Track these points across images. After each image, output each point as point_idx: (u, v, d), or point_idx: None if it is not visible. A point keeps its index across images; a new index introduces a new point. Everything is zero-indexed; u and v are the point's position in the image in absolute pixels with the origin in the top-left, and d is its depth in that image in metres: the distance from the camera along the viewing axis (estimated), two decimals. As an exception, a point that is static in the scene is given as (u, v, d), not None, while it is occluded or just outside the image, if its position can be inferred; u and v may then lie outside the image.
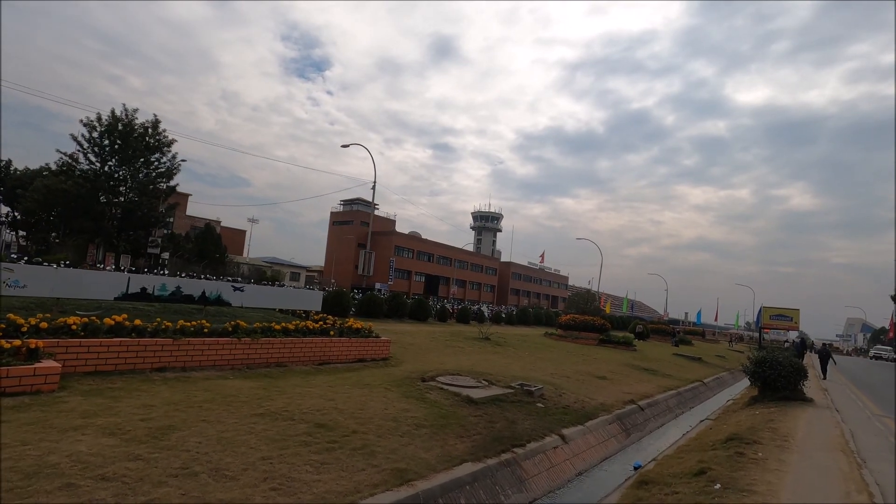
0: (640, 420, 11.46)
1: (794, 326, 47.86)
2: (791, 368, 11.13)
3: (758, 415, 9.65)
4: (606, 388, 13.64)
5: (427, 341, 17.09)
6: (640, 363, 20.93)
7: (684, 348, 34.64)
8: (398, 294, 25.71)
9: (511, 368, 13.97)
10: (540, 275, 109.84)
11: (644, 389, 14.50)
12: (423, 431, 6.92)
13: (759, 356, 11.54)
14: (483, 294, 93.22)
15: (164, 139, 36.51)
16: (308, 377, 9.04)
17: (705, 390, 18.96)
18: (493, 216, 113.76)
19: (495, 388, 10.34)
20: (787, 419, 8.80)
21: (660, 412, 12.91)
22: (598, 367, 17.78)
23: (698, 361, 26.95)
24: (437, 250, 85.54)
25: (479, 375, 11.60)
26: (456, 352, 15.66)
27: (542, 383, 12.15)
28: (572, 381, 13.79)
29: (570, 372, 15.26)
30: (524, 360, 16.16)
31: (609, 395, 12.59)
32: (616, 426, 10.15)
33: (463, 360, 14.03)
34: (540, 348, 20.55)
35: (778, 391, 11.19)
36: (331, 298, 21.03)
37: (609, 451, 9.07)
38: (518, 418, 8.60)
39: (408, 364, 12.05)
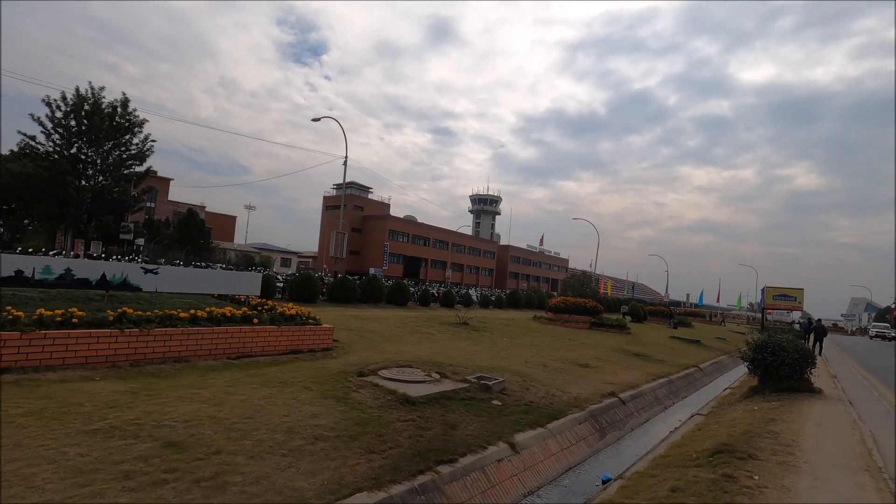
0: (620, 416, 9.89)
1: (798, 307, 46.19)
2: (797, 354, 9.50)
3: (756, 412, 8.05)
4: (586, 377, 12.08)
5: (394, 328, 15.53)
6: (633, 347, 19.38)
7: (683, 331, 33.06)
8: (374, 277, 24.11)
9: (479, 357, 12.41)
10: (539, 258, 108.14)
11: (630, 378, 12.93)
12: (321, 447, 5.35)
13: (759, 340, 9.91)
14: (481, 278, 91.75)
15: (134, 119, 34.70)
16: (207, 375, 7.46)
17: (701, 377, 17.40)
18: (491, 199, 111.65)
19: (446, 383, 8.77)
20: (793, 418, 7.20)
21: (645, 405, 11.34)
22: (584, 353, 16.23)
23: (696, 344, 25.39)
24: (433, 234, 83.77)
25: (435, 366, 10.05)
26: (422, 339, 14.10)
27: (510, 374, 10.61)
28: (548, 370, 12.24)
29: (549, 359, 13.71)
30: (499, 347, 14.59)
31: (587, 386, 11.02)
32: (588, 425, 8.58)
33: (425, 349, 12.47)
34: (523, 333, 18.98)
35: (781, 381, 9.58)
36: (297, 283, 19.45)
37: (576, 459, 7.50)
38: (461, 421, 7.02)
39: (354, 355, 10.48)
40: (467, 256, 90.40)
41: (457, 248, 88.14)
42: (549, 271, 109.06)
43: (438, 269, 77.47)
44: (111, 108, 33.36)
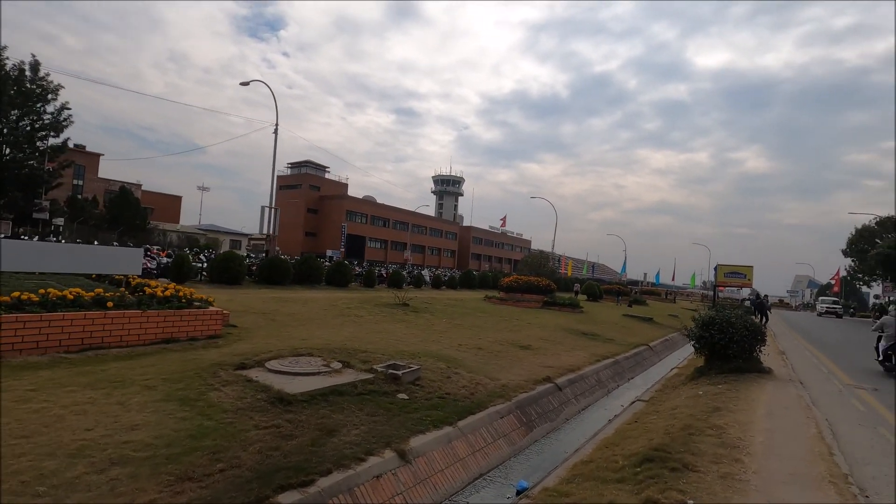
0: (555, 405, 8.74)
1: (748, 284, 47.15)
2: (746, 331, 8.58)
3: (701, 397, 7.02)
4: (524, 361, 10.92)
5: (320, 311, 13.95)
6: (582, 327, 18.51)
7: (637, 309, 32.86)
8: (310, 257, 22.32)
9: (406, 341, 11.04)
10: (501, 239, 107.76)
11: (573, 360, 11.89)
12: (113, 475, 3.83)
13: (706, 316, 8.94)
14: (443, 259, 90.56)
15: (47, 85, 31.12)
16: (15, 375, 5.74)
17: (651, 355, 16.69)
18: (454, 180, 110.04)
19: (347, 374, 7.34)
20: (740, 406, 6.16)
21: (586, 389, 10.28)
22: (529, 333, 15.15)
23: (649, 322, 24.97)
24: (393, 215, 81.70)
25: (344, 354, 8.60)
26: (346, 322, 12.60)
27: (435, 360, 9.30)
28: (483, 354, 11.01)
29: (487, 342, 12.50)
30: (434, 330, 13.27)
31: (522, 371, 9.84)
32: (513, 419, 7.36)
33: (345, 333, 10.99)
34: (467, 314, 17.76)
35: (729, 360, 8.66)
36: (218, 264, 17.48)
37: (490, 463, 6.25)
38: (346, 424, 5.62)
39: (248, 343, 8.89)
40: (429, 238, 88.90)
41: (418, 229, 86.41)
42: (512, 252, 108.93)
43: (399, 251, 75.67)
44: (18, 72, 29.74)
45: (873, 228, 51.81)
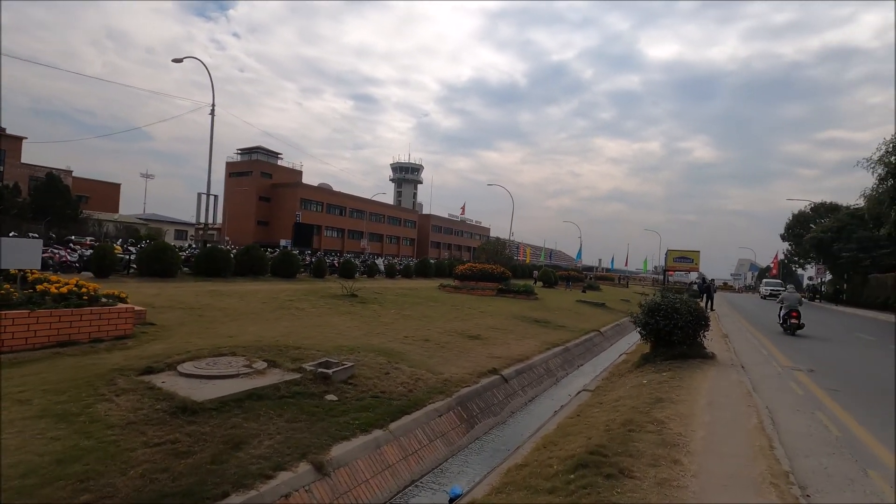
0: (500, 398, 8.39)
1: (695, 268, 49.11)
2: (690, 316, 8.50)
3: (645, 387, 6.81)
4: (471, 352, 10.54)
5: (257, 304, 13.07)
6: (536, 314, 18.40)
7: (591, 294, 33.38)
8: (253, 247, 21.15)
9: (347, 335, 10.41)
10: (461, 226, 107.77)
11: (522, 349, 11.62)
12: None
13: (651, 302, 8.80)
14: (402, 248, 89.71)
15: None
16: None
17: (602, 341, 16.77)
18: (412, 167, 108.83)
19: (271, 375, 6.68)
20: (682, 396, 5.96)
21: (534, 380, 10.01)
22: (480, 322, 14.82)
23: (601, 307, 25.30)
24: (349, 203, 79.95)
25: (274, 352, 7.90)
26: (284, 317, 11.81)
27: (375, 354, 8.75)
28: (429, 345, 10.55)
29: (435, 332, 12.05)
30: (380, 322, 12.69)
31: (468, 363, 9.44)
32: (452, 416, 6.92)
33: (280, 328, 10.25)
34: (418, 303, 17.26)
35: (674, 347, 8.57)
36: (147, 255, 16.15)
37: (424, 467, 5.79)
38: (259, 434, 4.99)
39: (163, 342, 8.03)
40: (387, 226, 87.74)
41: (376, 217, 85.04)
42: (471, 240, 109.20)
43: (356, 240, 74.18)
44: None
45: (808, 214, 54.84)
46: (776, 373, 8.48)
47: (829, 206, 52.01)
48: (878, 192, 22.67)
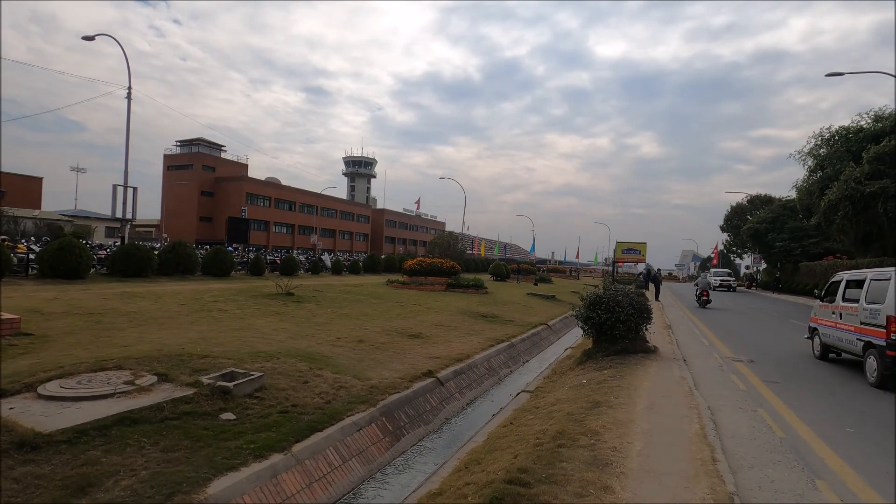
0: (434, 403, 7.71)
1: (642, 259, 50.49)
2: (632, 309, 8.13)
3: (584, 387, 6.31)
4: (409, 352, 9.81)
5: (173, 307, 11.78)
6: (483, 308, 17.89)
7: (542, 287, 33.44)
8: (180, 243, 19.50)
9: (270, 339, 9.44)
10: (416, 221, 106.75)
11: (465, 347, 11.01)
12: None
13: (593, 296, 8.38)
14: (356, 243, 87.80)
15: None
16: None
17: (549, 334, 16.47)
18: (366, 161, 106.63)
19: (157, 393, 5.68)
20: (622, 398, 5.48)
21: (474, 380, 9.41)
22: (424, 319, 14.12)
23: (551, 300, 25.21)
24: (299, 198, 77.22)
25: (171, 363, 6.87)
26: (199, 321, 10.64)
27: (298, 360, 7.87)
28: (363, 347, 9.74)
29: (373, 332, 11.23)
30: (312, 322, 11.73)
31: (402, 366, 8.70)
32: (374, 429, 6.16)
33: (189, 335, 9.12)
34: (360, 301, 16.34)
35: (616, 341, 8.19)
36: (50, 254, 14.37)
37: (334, 493, 5.01)
38: (117, 471, 4.05)
39: (35, 356, 6.82)
40: (339, 221, 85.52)
41: (328, 212, 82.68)
42: (426, 235, 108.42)
43: (307, 236, 71.74)
44: None
45: (745, 206, 57.58)
46: (717, 365, 8.25)
47: (764, 199, 54.77)
48: (809, 184, 23.69)
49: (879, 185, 18.22)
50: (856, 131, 22.61)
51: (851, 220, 19.97)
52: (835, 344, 8.97)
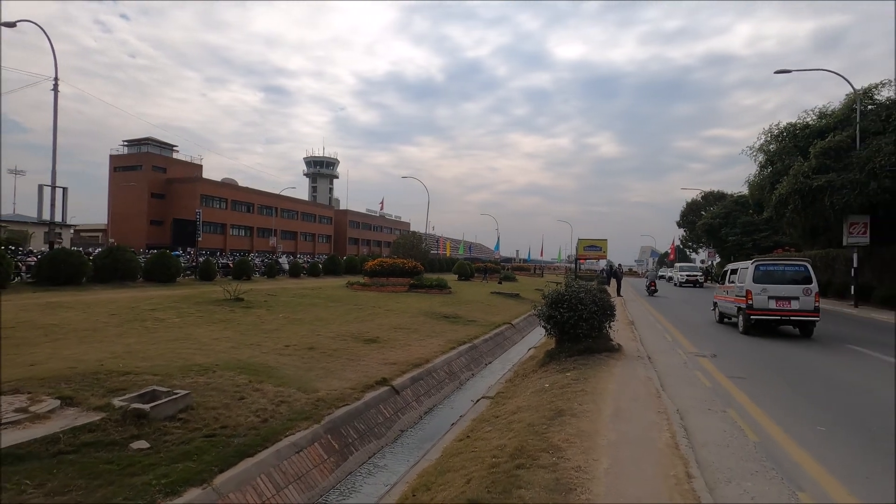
0: (388, 414, 7.12)
1: (604, 255, 51.31)
2: (595, 307, 7.79)
3: (546, 393, 5.87)
4: (363, 359, 9.17)
5: (102, 318, 10.70)
6: (446, 309, 17.39)
7: (507, 285, 33.28)
8: (118, 247, 18.10)
9: (209, 350, 8.60)
10: (380, 222, 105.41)
11: (424, 351, 10.45)
12: None
13: (554, 294, 7.99)
14: (318, 245, 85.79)
15: None
16: None
17: (513, 334, 16.13)
18: (327, 161, 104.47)
19: (56, 420, 4.88)
20: (586, 404, 5.07)
21: (432, 387, 8.86)
22: (383, 322, 13.48)
23: (515, 298, 24.98)
24: (258, 199, 74.73)
25: (83, 383, 6.03)
26: (129, 332, 9.66)
27: (236, 372, 7.13)
28: (314, 355, 9.04)
29: (325, 338, 10.52)
30: (260, 329, 10.91)
31: (354, 374, 8.06)
32: (317, 449, 5.52)
33: (114, 348, 8.19)
34: (315, 305, 15.53)
35: (579, 341, 7.83)
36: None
37: (264, 529, 4.34)
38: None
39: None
40: (301, 223, 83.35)
41: (288, 214, 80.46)
42: (391, 235, 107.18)
43: (266, 238, 69.44)
44: None
45: (699, 202, 59.55)
46: (682, 362, 8.03)
47: (717, 195, 56.75)
48: (760, 179, 24.38)
49: (826, 179, 18.84)
50: (802, 128, 23.43)
51: (800, 213, 20.60)
52: (725, 311, 13.70)
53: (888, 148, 17.83)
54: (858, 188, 18.04)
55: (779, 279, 11.57)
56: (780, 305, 11.28)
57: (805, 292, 11.19)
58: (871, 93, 21.45)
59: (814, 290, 11.24)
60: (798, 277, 11.52)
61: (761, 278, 11.57)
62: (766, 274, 11.68)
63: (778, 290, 11.35)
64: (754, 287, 11.48)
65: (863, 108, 20.14)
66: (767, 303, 11.33)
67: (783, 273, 11.74)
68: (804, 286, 11.25)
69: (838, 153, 19.55)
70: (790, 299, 11.23)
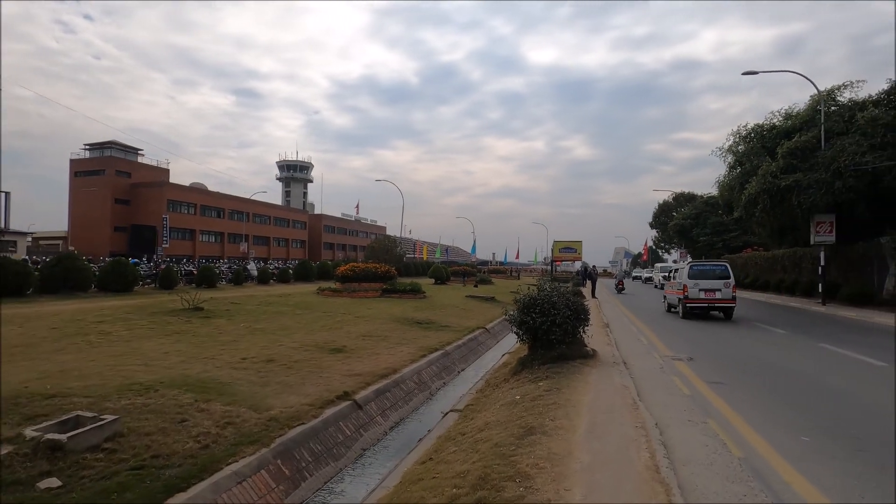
0: (350, 431, 6.59)
1: (578, 257, 51.62)
2: (569, 311, 7.43)
3: (517, 406, 5.45)
4: (327, 371, 8.60)
5: (40, 333, 9.85)
6: (419, 314, 16.89)
7: (482, 288, 32.97)
8: (68, 256, 17.03)
9: (156, 365, 7.92)
10: (356, 226, 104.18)
11: (393, 360, 9.94)
12: None
13: (526, 298, 7.61)
14: (292, 251, 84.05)
15: None
16: None
17: (487, 338, 15.74)
18: (301, 165, 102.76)
19: (-50, 456, 4.17)
20: (560, 417, 4.67)
21: (399, 399, 8.36)
22: (352, 330, 12.90)
23: (491, 301, 24.65)
24: (228, 204, 72.78)
25: (8, 407, 5.33)
26: (67, 347, 8.88)
27: (185, 390, 6.55)
28: (273, 367, 8.44)
29: (287, 349, 9.91)
30: (217, 341, 10.21)
31: (315, 388, 7.50)
32: (264, 477, 4.96)
33: (46, 366, 7.45)
34: (282, 313, 14.82)
35: (552, 347, 7.46)
36: None
37: (193, 578, 3.77)
38: None
39: None
40: (274, 228, 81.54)
41: (260, 219, 78.60)
42: (366, 240, 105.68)
43: (238, 244, 67.63)
44: None
45: (671, 203, 60.59)
46: (658, 366, 7.73)
47: (688, 196, 57.81)
48: (730, 179, 24.69)
49: (793, 179, 19.10)
50: (769, 128, 23.82)
51: (769, 212, 20.87)
52: (671, 303, 16.97)
53: (851, 148, 18.19)
54: (824, 187, 18.33)
55: (707, 276, 14.85)
56: (708, 295, 14.62)
57: (725, 285, 14.55)
58: (834, 94, 21.93)
59: (731, 283, 14.65)
60: (720, 274, 14.83)
61: (695, 276, 14.86)
62: (699, 272, 15.00)
63: (706, 284, 14.65)
64: (689, 282, 14.73)
65: (826, 110, 20.55)
66: (699, 294, 14.61)
67: (710, 271, 15.05)
68: (724, 280, 14.61)
69: (804, 153, 19.88)
70: (715, 290, 14.54)
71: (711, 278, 14.74)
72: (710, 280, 14.69)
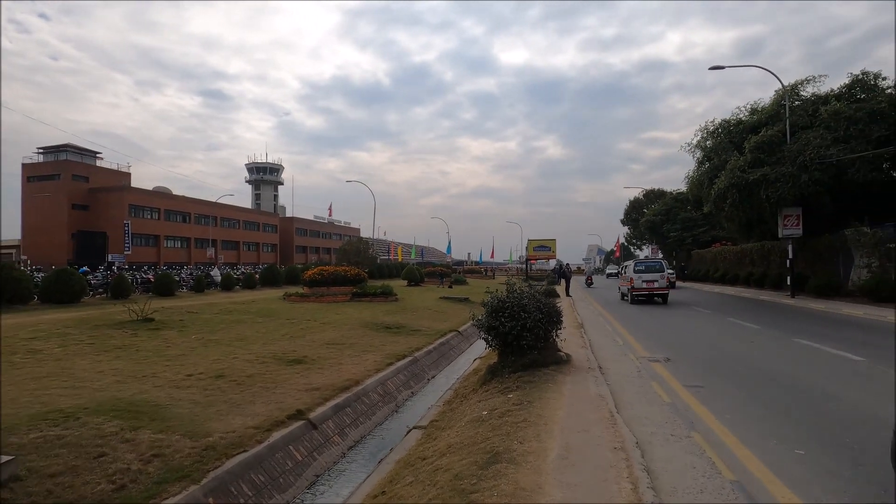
0: (300, 457, 5.90)
1: (553, 255, 51.69)
2: (540, 314, 6.92)
3: (483, 424, 4.89)
4: (282, 385, 7.88)
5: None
6: (389, 318, 16.20)
7: (457, 289, 32.47)
8: (5, 265, 15.71)
9: (86, 387, 7.09)
10: (329, 229, 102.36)
11: (356, 370, 9.27)
12: None
13: (495, 301, 7.06)
14: (263, 255, 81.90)
15: None
16: None
17: (460, 342, 15.18)
18: (271, 167, 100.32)
19: None
20: (529, 439, 4.13)
21: (361, 414, 7.70)
22: (315, 338, 12.15)
23: (465, 302, 24.13)
24: (195, 208, 70.36)
25: None
26: (-12, 368, 7.88)
27: (113, 415, 5.79)
28: (221, 384, 7.68)
29: (241, 362, 9.13)
30: (162, 356, 9.34)
31: (265, 406, 6.79)
32: (191, 522, 4.25)
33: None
34: (240, 322, 13.91)
35: (524, 353, 6.93)
36: None
37: None
38: None
39: None
40: (243, 232, 79.28)
41: (230, 223, 76.33)
42: (340, 242, 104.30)
43: (206, 249, 65.35)
44: None
45: (641, 200, 61.33)
46: (635, 369, 7.30)
47: (658, 193, 58.62)
48: (699, 174, 24.79)
49: (761, 173, 19.19)
50: (736, 123, 24.01)
51: (738, 206, 20.96)
52: (623, 292, 21.18)
53: (816, 141, 18.36)
54: (791, 181, 18.44)
55: (648, 270, 19.32)
56: (648, 285, 18.80)
57: (661, 277, 18.82)
58: (798, 89, 22.20)
59: (665, 275, 19.18)
60: (658, 269, 19.30)
61: (639, 271, 19.31)
62: (643, 268, 19.49)
63: (647, 276, 18.93)
64: (635, 276, 19.13)
65: (791, 104, 20.76)
66: (642, 284, 18.85)
67: (651, 266, 19.64)
68: (661, 273, 18.96)
69: (771, 147, 20.00)
70: (654, 281, 18.76)
71: (651, 272, 18.97)
72: (650, 273, 18.92)
